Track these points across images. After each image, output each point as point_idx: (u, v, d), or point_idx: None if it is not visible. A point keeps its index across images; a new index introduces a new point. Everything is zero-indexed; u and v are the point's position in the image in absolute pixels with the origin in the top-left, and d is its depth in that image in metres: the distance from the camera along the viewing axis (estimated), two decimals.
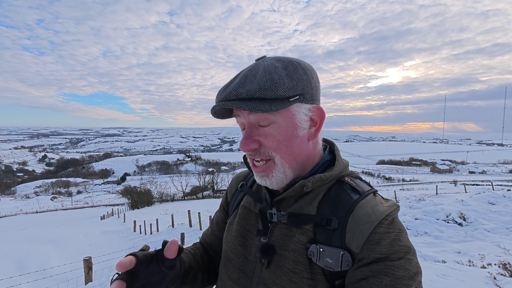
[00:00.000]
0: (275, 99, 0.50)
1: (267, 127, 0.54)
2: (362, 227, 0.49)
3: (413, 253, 0.48)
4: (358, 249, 0.48)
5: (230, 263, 0.64)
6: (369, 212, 0.50)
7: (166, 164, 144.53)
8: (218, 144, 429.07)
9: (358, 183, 0.57)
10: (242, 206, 0.69)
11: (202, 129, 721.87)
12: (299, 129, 0.55)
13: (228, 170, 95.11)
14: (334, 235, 0.51)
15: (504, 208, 8.28)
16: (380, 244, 0.47)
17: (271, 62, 0.53)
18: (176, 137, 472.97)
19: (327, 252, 0.50)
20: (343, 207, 0.52)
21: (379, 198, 0.55)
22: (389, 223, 0.49)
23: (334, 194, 0.55)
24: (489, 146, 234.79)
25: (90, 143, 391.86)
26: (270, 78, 0.50)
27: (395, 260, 0.46)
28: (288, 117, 0.53)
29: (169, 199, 43.96)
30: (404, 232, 0.50)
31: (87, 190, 78.49)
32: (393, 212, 0.51)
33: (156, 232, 12.71)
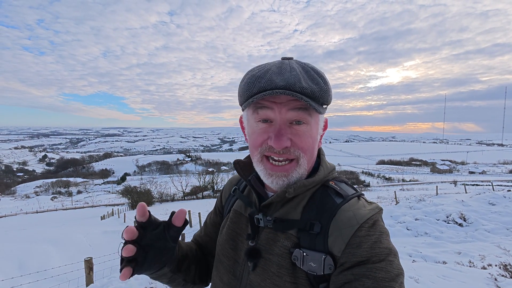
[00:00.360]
0: (322, 103, 0.55)
1: (301, 127, 0.55)
2: (344, 231, 0.50)
3: (394, 255, 0.49)
4: (339, 253, 0.49)
5: (222, 266, 0.66)
6: (351, 216, 0.51)
7: (166, 164, 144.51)
8: (218, 144, 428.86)
9: (343, 187, 0.58)
10: (233, 210, 0.71)
11: (202, 129, 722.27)
12: (318, 135, 0.60)
13: (228, 170, 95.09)
14: (317, 240, 0.52)
15: (504, 208, 8.28)
16: (361, 248, 0.48)
17: (309, 64, 0.57)
18: (176, 137, 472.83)
19: (310, 256, 0.51)
20: (326, 211, 0.54)
21: (362, 202, 0.55)
22: (369, 226, 0.50)
23: (318, 198, 0.57)
24: (489, 146, 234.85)
25: (90, 143, 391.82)
26: (326, 82, 0.54)
27: (376, 262, 0.47)
28: (316, 122, 0.57)
29: (169, 199, 43.89)
30: (385, 234, 0.51)
31: (87, 190, 78.49)
32: (375, 215, 0.52)
33: None
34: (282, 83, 0.51)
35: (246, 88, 0.55)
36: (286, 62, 0.57)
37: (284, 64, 0.56)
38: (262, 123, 0.57)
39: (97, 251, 9.11)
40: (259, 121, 0.57)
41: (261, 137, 0.56)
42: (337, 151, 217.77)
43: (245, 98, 0.56)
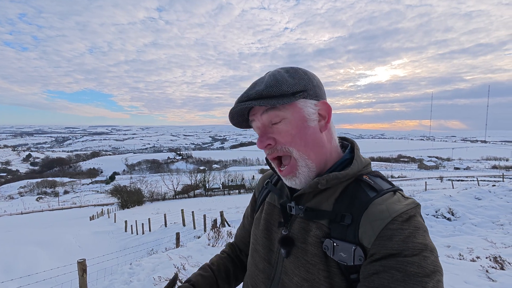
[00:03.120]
0: (281, 95, 0.57)
1: (279, 124, 0.59)
2: (374, 223, 0.50)
3: (430, 251, 0.48)
4: (369, 245, 0.50)
5: (257, 254, 0.69)
6: (383, 209, 0.51)
7: (156, 163, 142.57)
8: (209, 142, 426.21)
9: (378, 181, 0.58)
10: (267, 202, 0.74)
11: (193, 127, 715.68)
12: (309, 121, 0.59)
13: (219, 168, 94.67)
14: (348, 231, 0.53)
15: (490, 203, 8.58)
16: (392, 240, 0.48)
17: (276, 69, 0.62)
18: (167, 135, 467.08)
19: (340, 246, 0.52)
20: (359, 204, 0.54)
21: (398, 197, 0.55)
22: (403, 220, 0.50)
23: (351, 191, 0.57)
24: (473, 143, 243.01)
25: (77, 141, 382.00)
26: (274, 78, 0.58)
27: (408, 256, 0.46)
28: (296, 111, 0.58)
29: (160, 198, 43.42)
30: (422, 230, 0.50)
31: (75, 190, 76.59)
32: (411, 209, 0.51)
33: (149, 231, 12.54)
34: (237, 99, 0.60)
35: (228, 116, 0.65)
36: (263, 75, 0.64)
37: (259, 78, 0.63)
38: (258, 133, 0.64)
39: (88, 252, 8.90)
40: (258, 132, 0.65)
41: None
42: None
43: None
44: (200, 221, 10.90)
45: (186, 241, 6.87)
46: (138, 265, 2.90)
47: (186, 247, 3.40)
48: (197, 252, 3.23)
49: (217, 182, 55.11)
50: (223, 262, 0.84)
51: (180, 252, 3.23)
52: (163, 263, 2.91)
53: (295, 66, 0.62)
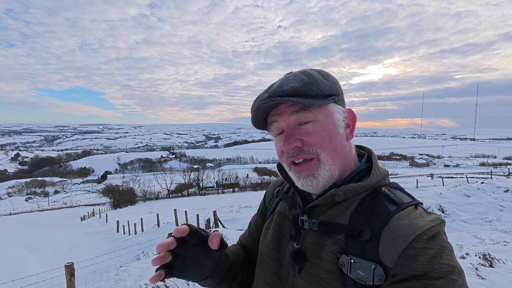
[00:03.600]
0: (316, 95, 0.53)
1: (308, 125, 0.55)
2: (397, 240, 0.46)
3: (458, 274, 0.43)
4: (391, 264, 0.46)
5: (265, 266, 0.65)
6: (406, 225, 0.47)
7: (149, 162, 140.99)
8: (203, 140, 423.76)
9: (397, 193, 0.54)
10: (277, 212, 0.70)
11: (186, 126, 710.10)
12: (338, 127, 0.57)
13: (213, 167, 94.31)
14: (366, 247, 0.49)
15: (479, 200, 8.78)
16: (417, 260, 0.44)
17: (304, 69, 0.58)
18: (160, 133, 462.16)
19: (358, 264, 0.48)
20: (378, 218, 0.50)
21: (420, 211, 0.51)
22: (428, 238, 0.45)
23: (369, 204, 0.53)
24: (462, 140, 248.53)
25: (67, 140, 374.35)
26: (311, 76, 0.54)
27: (435, 279, 0.42)
28: (327, 115, 0.55)
29: (153, 197, 43.02)
30: (448, 249, 0.46)
31: (65, 189, 75.12)
32: (435, 227, 0.47)
33: (141, 232, 12.38)
34: (267, 95, 0.55)
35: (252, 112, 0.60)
36: (290, 73, 0.60)
37: (288, 75, 0.59)
38: (278, 135, 0.60)
39: (79, 254, 8.73)
40: (276, 135, 0.60)
41: (279, 147, 0.59)
42: None
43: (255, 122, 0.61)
44: (194, 221, 10.81)
45: None
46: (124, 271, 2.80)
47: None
48: None
49: (211, 180, 54.90)
50: (241, 251, 0.80)
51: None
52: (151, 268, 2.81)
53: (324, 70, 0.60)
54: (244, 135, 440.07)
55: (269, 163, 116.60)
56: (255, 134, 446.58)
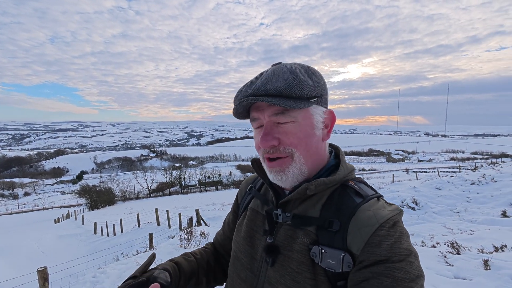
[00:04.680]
0: (299, 98, 0.54)
1: (287, 125, 0.57)
2: (363, 229, 0.50)
3: (414, 256, 0.49)
4: (358, 251, 0.50)
5: (239, 262, 0.67)
6: (371, 215, 0.52)
7: (128, 160, 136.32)
8: (184, 138, 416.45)
9: (362, 187, 0.59)
10: (250, 209, 0.72)
11: (167, 123, 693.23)
12: (316, 129, 0.59)
13: (196, 165, 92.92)
14: (336, 237, 0.53)
15: (448, 192, 9.37)
16: (381, 247, 0.48)
17: (293, 64, 0.58)
18: (139, 131, 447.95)
19: (328, 253, 0.52)
20: (346, 210, 0.54)
21: (382, 203, 0.56)
22: (390, 226, 0.50)
23: (337, 197, 0.57)
24: (434, 137, 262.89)
25: (38, 139, 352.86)
26: (297, 77, 0.55)
27: (396, 262, 0.47)
28: (307, 116, 0.57)
29: (133, 197, 41.72)
30: (406, 236, 0.51)
31: (37, 191, 70.84)
32: (395, 216, 0.52)
33: (121, 233, 12.00)
34: (251, 91, 0.56)
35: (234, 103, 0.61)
36: (268, 69, 0.60)
37: (263, 71, 0.59)
38: (258, 129, 0.62)
39: (53, 258, 8.31)
40: (256, 128, 0.62)
41: (257, 141, 0.61)
42: None
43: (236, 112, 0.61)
44: (176, 220, 10.64)
45: (160, 242, 6.67)
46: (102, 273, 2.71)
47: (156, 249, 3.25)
48: (167, 255, 3.10)
49: (194, 179, 54.11)
50: (206, 254, 0.82)
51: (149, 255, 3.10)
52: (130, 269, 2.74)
53: (312, 66, 0.61)
54: (227, 133, 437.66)
55: None
56: (238, 132, 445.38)
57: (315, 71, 0.59)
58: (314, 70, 0.59)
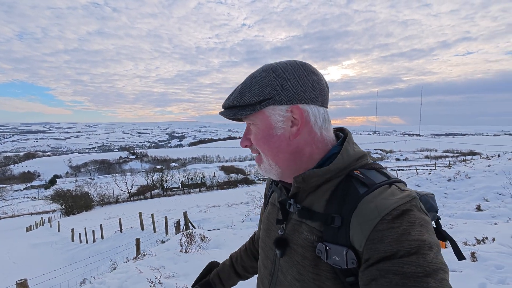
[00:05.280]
0: (247, 105, 0.59)
1: (252, 127, 0.62)
2: (363, 225, 0.48)
3: (429, 247, 0.44)
4: (361, 248, 0.48)
5: (263, 252, 0.73)
6: (372, 207, 0.48)
7: (106, 163, 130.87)
8: (166, 139, 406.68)
9: (370, 174, 0.55)
10: (270, 202, 0.76)
11: (148, 124, 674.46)
12: (275, 129, 0.59)
13: (178, 167, 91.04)
14: (339, 233, 0.51)
15: (427, 189, 9.82)
16: (384, 242, 0.45)
17: (263, 67, 0.62)
18: (118, 133, 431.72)
19: (333, 250, 0.50)
20: (348, 203, 0.52)
21: (392, 190, 0.50)
22: (394, 217, 0.46)
23: (341, 190, 0.54)
24: (410, 136, 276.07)
25: (5, 141, 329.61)
26: (245, 85, 0.60)
27: (404, 256, 0.43)
28: (263, 118, 0.59)
29: (112, 202, 40.10)
30: (417, 224, 0.45)
31: (4, 197, 66.02)
32: (404, 204, 0.47)
33: (101, 239, 11.45)
34: (224, 104, 0.64)
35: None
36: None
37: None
38: None
39: (25, 268, 7.75)
40: None
41: None
42: None
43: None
44: (161, 223, 10.31)
45: (147, 247, 6.43)
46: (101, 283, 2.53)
47: (156, 256, 3.10)
48: (169, 261, 2.97)
49: (176, 181, 52.99)
50: (241, 254, 0.96)
51: (149, 262, 2.92)
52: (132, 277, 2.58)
53: (274, 66, 0.60)
54: (210, 133, 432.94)
55: (236, 161, 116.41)
56: (221, 132, 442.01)
57: (270, 71, 0.59)
58: (269, 71, 0.59)
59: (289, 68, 0.58)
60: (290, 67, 0.59)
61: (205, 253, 3.23)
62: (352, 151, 0.59)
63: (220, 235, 4.34)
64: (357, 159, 0.59)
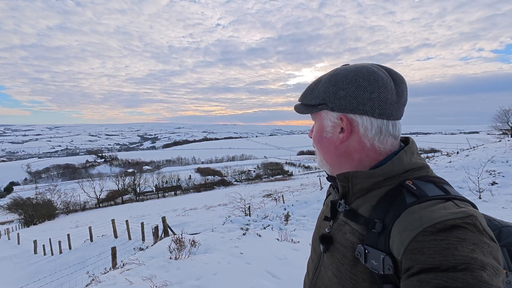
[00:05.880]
0: (308, 104, 0.67)
1: (314, 125, 0.70)
2: (403, 233, 0.47)
3: (481, 267, 0.40)
4: (399, 256, 0.47)
5: (312, 247, 0.79)
6: (416, 218, 0.47)
7: (71, 168, 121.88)
8: (138, 141, 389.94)
9: (426, 187, 0.53)
10: (325, 203, 0.82)
11: (118, 126, 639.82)
12: (325, 132, 0.65)
13: (151, 170, 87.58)
14: (379, 238, 0.52)
15: None
16: (424, 253, 0.43)
17: (327, 73, 0.67)
18: (84, 135, 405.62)
19: (372, 254, 0.51)
20: (393, 211, 0.52)
21: (446, 204, 0.48)
22: (439, 230, 0.44)
23: (389, 197, 0.55)
24: None
25: None
26: (310, 86, 0.68)
27: (449, 271, 0.40)
28: (319, 119, 0.66)
29: (79, 209, 37.44)
30: (469, 242, 0.42)
31: None
32: (455, 219, 0.45)
33: (69, 250, 10.60)
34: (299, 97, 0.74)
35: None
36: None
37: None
38: None
39: None
40: None
41: None
42: (263, 144, 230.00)
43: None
44: (136, 230, 9.80)
45: (123, 256, 6.07)
46: None
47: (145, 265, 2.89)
48: (160, 269, 2.78)
49: (150, 185, 50.93)
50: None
51: (139, 272, 2.71)
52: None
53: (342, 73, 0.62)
54: (185, 135, 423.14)
55: (212, 163, 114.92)
56: (197, 134, 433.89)
57: (332, 78, 0.62)
58: (331, 78, 0.63)
59: (350, 76, 0.60)
60: (352, 75, 0.60)
61: (196, 259, 3.10)
62: (407, 161, 0.58)
63: (209, 239, 4.21)
64: (414, 169, 0.57)
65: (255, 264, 3.25)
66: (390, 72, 0.62)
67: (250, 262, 3.30)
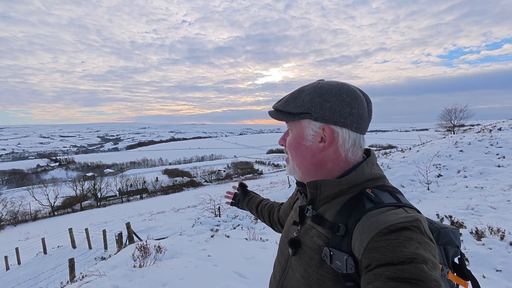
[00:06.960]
0: (288, 113, 0.70)
1: (290, 132, 0.73)
2: (363, 235, 0.53)
3: (423, 261, 0.47)
4: (360, 256, 0.53)
5: (280, 250, 0.82)
6: (373, 221, 0.54)
7: (19, 173, 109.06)
8: (98, 143, 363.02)
9: (382, 195, 0.60)
10: (293, 208, 0.86)
11: (74, 126, 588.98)
12: (305, 140, 0.68)
13: (114, 173, 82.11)
14: (343, 241, 0.58)
15: None
16: (379, 251, 0.50)
17: (310, 84, 0.71)
18: (34, 137, 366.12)
19: (336, 255, 0.57)
20: (354, 215, 0.58)
21: (397, 211, 0.55)
22: (391, 231, 0.51)
23: (352, 203, 0.62)
24: None
25: None
26: (293, 95, 0.70)
27: (398, 264, 0.47)
28: (299, 128, 0.69)
29: (29, 219, 33.79)
30: (415, 241, 0.49)
31: None
32: (404, 222, 0.52)
33: (17, 265, 9.56)
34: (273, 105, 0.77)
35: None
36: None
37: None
38: None
39: None
40: None
41: None
42: (233, 144, 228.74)
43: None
44: (97, 239, 9.18)
45: (83, 266, 5.68)
46: None
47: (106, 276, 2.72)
48: (123, 279, 2.64)
49: (112, 189, 47.82)
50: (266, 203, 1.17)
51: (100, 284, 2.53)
52: None
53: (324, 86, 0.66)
54: (150, 135, 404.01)
55: (180, 164, 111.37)
56: (163, 134, 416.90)
57: (316, 90, 0.66)
58: (315, 90, 0.66)
59: (334, 90, 0.65)
60: (336, 90, 0.65)
61: (162, 265, 3.02)
62: (368, 171, 0.65)
63: (176, 244, 4.11)
64: (373, 179, 0.65)
65: (222, 265, 3.27)
66: (362, 92, 0.69)
67: (218, 264, 3.31)
